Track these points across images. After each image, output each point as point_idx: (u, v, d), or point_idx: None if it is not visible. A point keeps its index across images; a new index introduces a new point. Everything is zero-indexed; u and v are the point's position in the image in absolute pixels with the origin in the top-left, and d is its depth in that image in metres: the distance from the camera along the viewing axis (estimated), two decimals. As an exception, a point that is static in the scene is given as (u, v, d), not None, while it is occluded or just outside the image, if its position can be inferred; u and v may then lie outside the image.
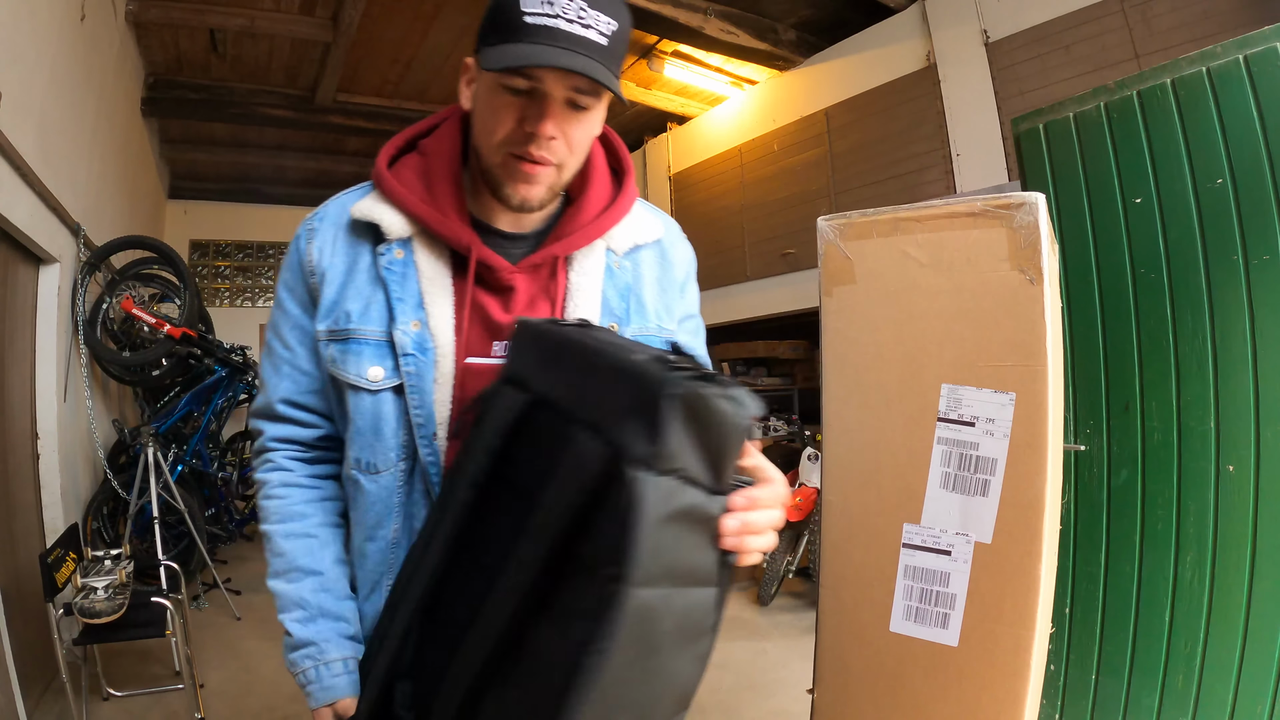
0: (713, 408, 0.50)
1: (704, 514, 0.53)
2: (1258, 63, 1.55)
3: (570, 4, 0.65)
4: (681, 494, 0.50)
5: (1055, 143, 1.90)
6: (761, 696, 2.77)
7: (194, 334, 3.80)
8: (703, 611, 0.55)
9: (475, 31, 0.76)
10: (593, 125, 0.74)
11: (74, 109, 3.05)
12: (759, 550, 0.58)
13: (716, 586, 0.56)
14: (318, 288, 0.79)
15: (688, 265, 0.91)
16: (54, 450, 2.89)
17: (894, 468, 1.09)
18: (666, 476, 0.49)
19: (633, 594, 0.48)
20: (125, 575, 2.38)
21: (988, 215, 1.02)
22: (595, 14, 0.66)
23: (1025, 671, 0.98)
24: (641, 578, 0.48)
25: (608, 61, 0.67)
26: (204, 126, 5.71)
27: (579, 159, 0.76)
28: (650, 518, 0.48)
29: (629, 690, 0.51)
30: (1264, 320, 1.56)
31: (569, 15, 0.65)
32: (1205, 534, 1.63)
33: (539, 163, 0.72)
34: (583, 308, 0.79)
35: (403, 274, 0.76)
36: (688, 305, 0.91)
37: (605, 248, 0.82)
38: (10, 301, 2.60)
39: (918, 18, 3.99)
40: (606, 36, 0.67)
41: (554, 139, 0.71)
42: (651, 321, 0.84)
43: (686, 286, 0.91)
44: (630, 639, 0.49)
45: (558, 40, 0.65)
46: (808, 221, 1.36)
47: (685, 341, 0.90)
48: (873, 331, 1.12)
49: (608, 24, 0.67)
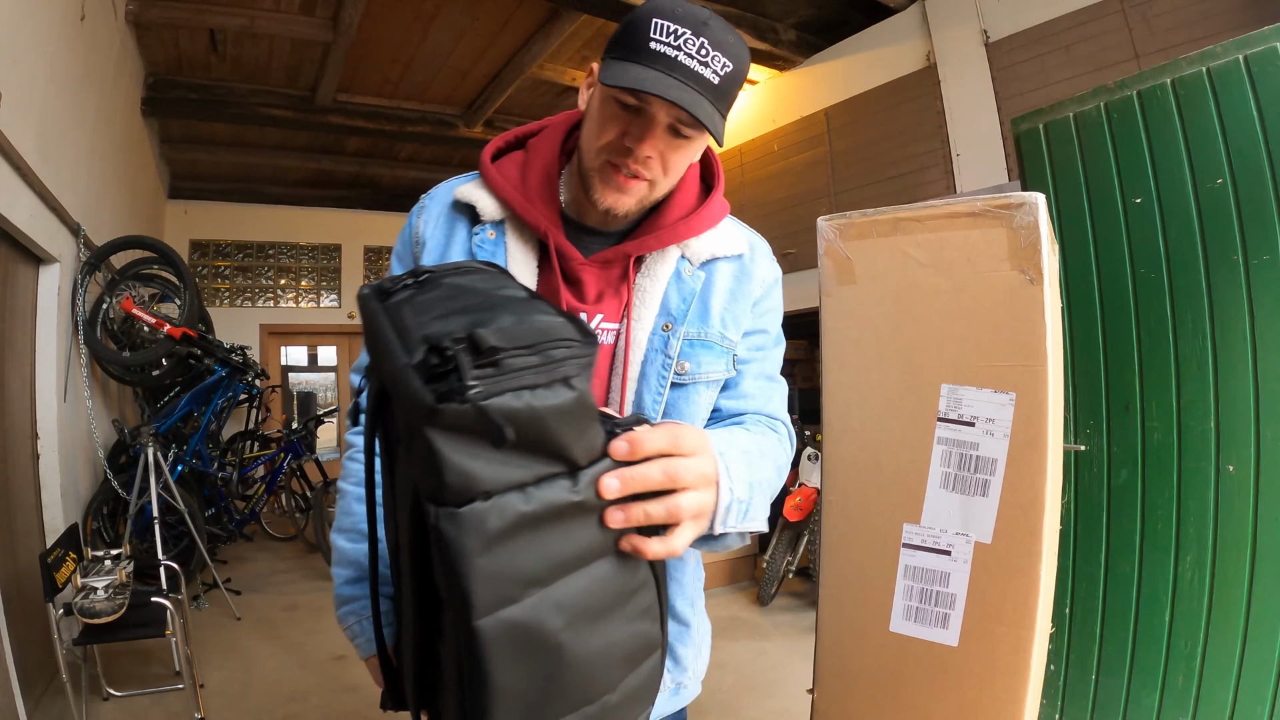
0: (501, 415, 0.43)
1: (555, 507, 0.49)
2: (1258, 63, 1.55)
3: (694, 39, 0.70)
4: (506, 508, 0.46)
5: (1055, 143, 1.90)
6: (761, 696, 2.77)
7: (194, 334, 3.80)
8: (605, 585, 0.54)
9: (476, 31, 0.77)
10: (691, 153, 0.79)
11: (74, 109, 3.05)
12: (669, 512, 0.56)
13: (612, 555, 0.54)
14: (419, 256, 0.86)
15: (768, 284, 0.90)
16: (54, 450, 2.89)
17: (894, 468, 1.09)
18: (475, 503, 0.45)
19: (481, 627, 0.46)
20: (125, 575, 2.38)
21: (988, 215, 1.02)
22: (715, 54, 0.70)
23: (1025, 671, 0.98)
24: (487, 607, 0.46)
25: (716, 100, 0.72)
26: (204, 126, 5.71)
27: (672, 181, 0.81)
28: (470, 553, 0.44)
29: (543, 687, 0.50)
30: (1264, 320, 1.56)
31: (689, 50, 0.70)
32: (1205, 534, 1.63)
33: (634, 176, 0.77)
34: (644, 308, 0.82)
35: (492, 253, 0.82)
36: (758, 321, 0.89)
37: (680, 255, 0.84)
38: (10, 301, 2.60)
39: (918, 18, 3.99)
40: (719, 76, 0.71)
41: (650, 158, 0.76)
42: (714, 329, 0.84)
43: (762, 304, 0.89)
44: (507, 658, 0.48)
45: (674, 71, 0.70)
46: (808, 221, 1.36)
47: (742, 355, 0.88)
48: (873, 331, 1.12)
49: (724, 65, 0.71)
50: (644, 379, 0.81)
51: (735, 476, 0.65)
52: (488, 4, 4.13)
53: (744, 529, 0.67)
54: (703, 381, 0.83)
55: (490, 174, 0.84)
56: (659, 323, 0.82)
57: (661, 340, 0.81)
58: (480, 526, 0.45)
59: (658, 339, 0.81)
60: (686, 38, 0.69)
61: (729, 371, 0.85)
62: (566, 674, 0.52)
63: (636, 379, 0.81)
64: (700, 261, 0.84)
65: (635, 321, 0.81)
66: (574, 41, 4.54)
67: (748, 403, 0.87)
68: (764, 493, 0.71)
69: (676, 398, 0.82)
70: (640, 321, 0.81)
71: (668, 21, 0.70)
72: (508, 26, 4.36)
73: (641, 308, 0.81)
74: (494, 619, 0.47)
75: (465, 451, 0.44)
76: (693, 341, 0.82)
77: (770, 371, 0.91)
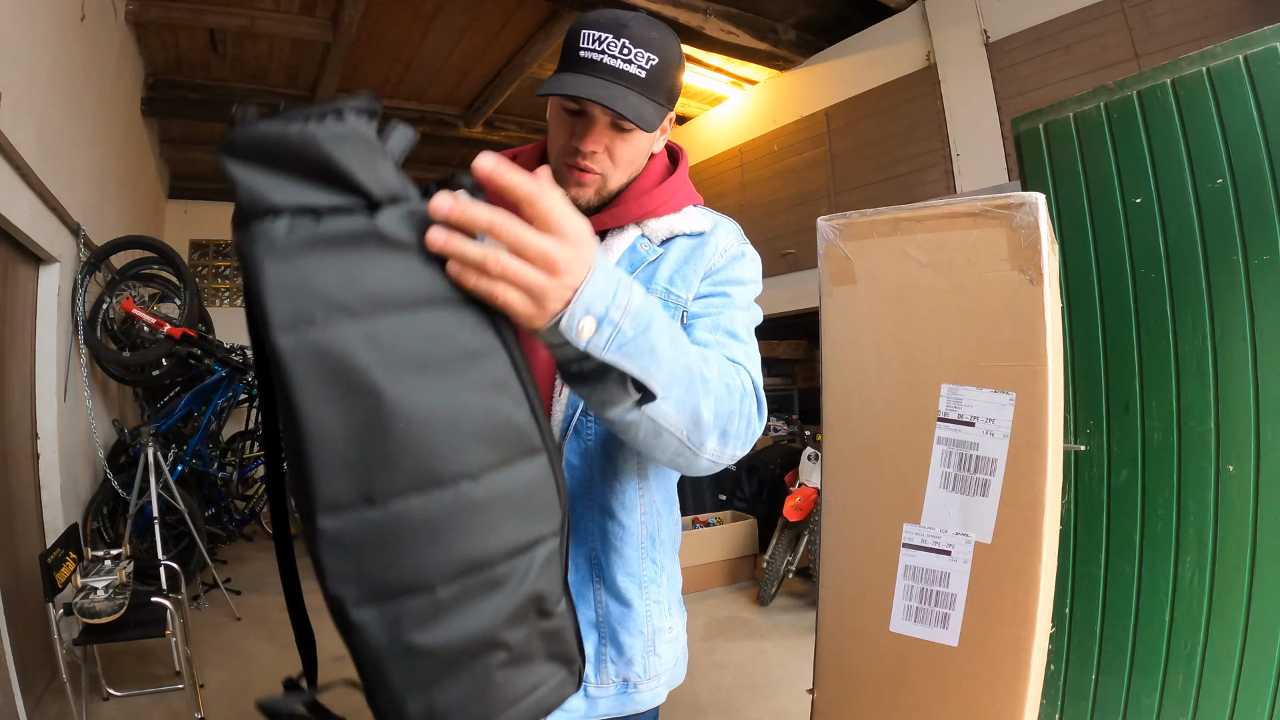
0: (279, 135, 0.47)
1: (350, 234, 0.49)
2: (1258, 63, 1.55)
3: (616, 41, 0.78)
4: (297, 225, 0.48)
5: (1055, 143, 1.90)
6: (761, 696, 2.77)
7: (194, 334, 3.80)
8: (435, 336, 0.51)
9: (476, 31, 0.80)
10: (637, 143, 0.85)
11: (74, 109, 3.05)
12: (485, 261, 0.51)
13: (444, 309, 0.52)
14: None
15: (729, 255, 0.91)
16: (54, 450, 2.89)
17: (894, 468, 1.09)
18: (268, 218, 0.48)
19: (282, 344, 0.47)
20: (125, 575, 2.38)
21: (988, 215, 1.02)
22: (638, 50, 0.78)
23: (1025, 671, 0.98)
24: (283, 321, 0.47)
25: (645, 90, 0.79)
26: (204, 126, 5.71)
27: (625, 170, 0.87)
28: (261, 262, 0.47)
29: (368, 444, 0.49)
30: (1264, 320, 1.56)
31: (613, 52, 0.78)
32: (1205, 534, 1.63)
33: (585, 171, 0.84)
34: None
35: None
36: (715, 288, 0.89)
37: (639, 234, 0.89)
38: (10, 301, 2.60)
39: (918, 18, 3.99)
40: (645, 70, 0.79)
41: (596, 153, 0.83)
42: (659, 286, 0.88)
43: (720, 272, 0.90)
44: (316, 391, 0.48)
45: (599, 72, 0.78)
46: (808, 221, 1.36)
47: (694, 310, 0.88)
48: (873, 331, 1.12)
49: (648, 59, 0.79)
50: None
51: (625, 304, 0.57)
52: (488, 4, 4.13)
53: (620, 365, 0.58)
54: None
55: None
56: None
57: None
58: (268, 237, 0.48)
59: None
60: (608, 41, 0.78)
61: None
62: (394, 431, 0.49)
63: None
64: (659, 240, 0.89)
65: None
66: (574, 41, 4.54)
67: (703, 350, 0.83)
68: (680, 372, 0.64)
69: None
70: None
71: (592, 30, 0.79)
72: (508, 26, 4.36)
73: None
74: (294, 337, 0.47)
75: (254, 173, 0.48)
76: None
77: (727, 325, 0.87)
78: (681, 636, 0.96)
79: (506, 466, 0.54)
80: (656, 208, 0.90)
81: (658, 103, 0.81)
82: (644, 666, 0.89)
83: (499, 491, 0.54)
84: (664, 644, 0.93)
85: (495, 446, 0.54)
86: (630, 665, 0.88)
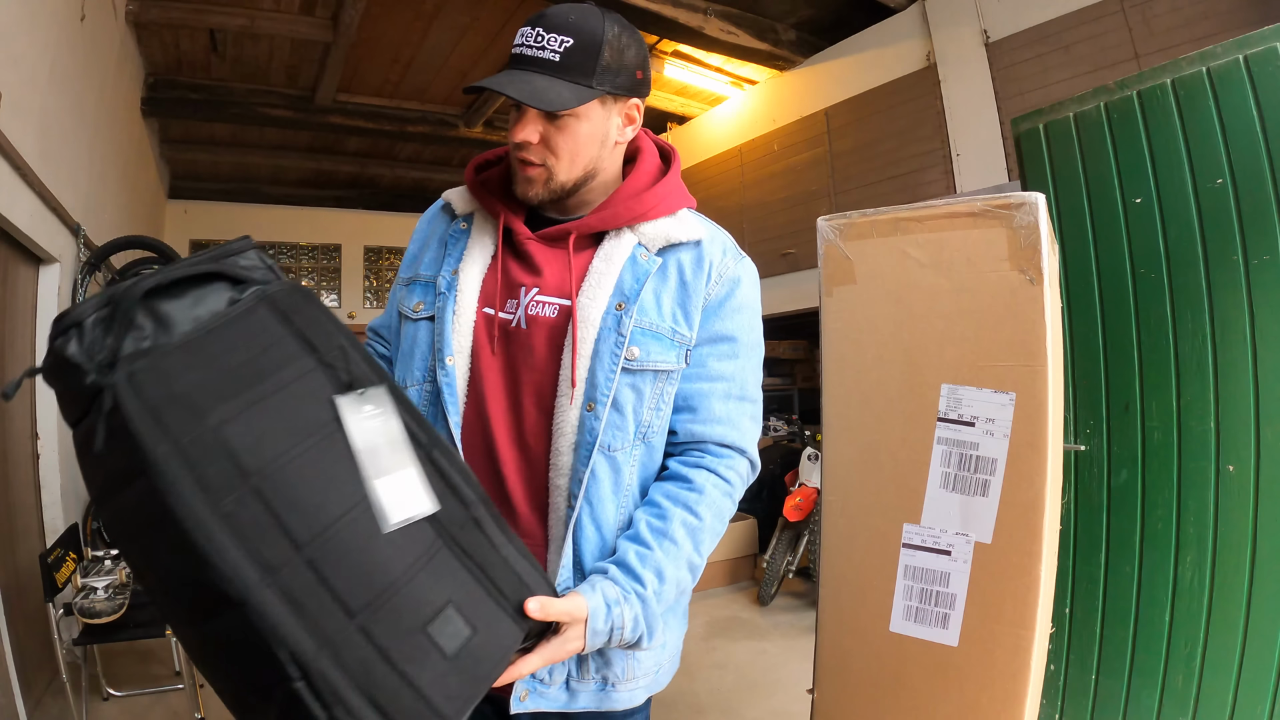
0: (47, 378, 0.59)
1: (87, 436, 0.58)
2: (1258, 63, 1.55)
3: (531, 31, 0.82)
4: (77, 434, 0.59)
5: (1055, 143, 1.90)
6: (761, 696, 2.77)
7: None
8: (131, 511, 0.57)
9: (476, 31, 0.82)
10: (576, 130, 0.84)
11: (74, 109, 3.05)
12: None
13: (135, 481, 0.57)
14: (412, 249, 1.02)
15: (728, 282, 0.91)
16: (54, 450, 2.89)
17: (894, 468, 1.09)
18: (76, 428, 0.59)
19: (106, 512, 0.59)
20: (125, 575, 2.38)
21: (988, 215, 1.02)
22: (551, 35, 0.81)
23: (1025, 671, 0.98)
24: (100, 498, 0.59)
25: (559, 73, 0.81)
26: (204, 126, 5.71)
27: (572, 161, 0.86)
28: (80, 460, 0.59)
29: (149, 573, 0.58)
30: (1264, 320, 1.56)
31: (528, 42, 0.82)
32: (1205, 534, 1.63)
33: (526, 164, 0.86)
34: (598, 289, 0.87)
35: (459, 239, 0.95)
36: (722, 325, 0.90)
37: (637, 242, 0.89)
38: (10, 301, 2.60)
39: (918, 18, 3.99)
40: (559, 53, 0.81)
41: (531, 143, 0.84)
42: (665, 322, 0.87)
43: (725, 304, 0.90)
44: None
45: (518, 64, 0.82)
46: (808, 221, 1.36)
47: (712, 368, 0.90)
48: (873, 331, 1.12)
49: (561, 42, 0.81)
50: (597, 356, 0.85)
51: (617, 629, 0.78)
52: (488, 4, 4.13)
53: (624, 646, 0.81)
54: (650, 369, 0.86)
55: (468, 178, 0.98)
56: (613, 302, 0.86)
57: (614, 319, 0.85)
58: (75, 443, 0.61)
59: (611, 318, 0.85)
60: (525, 33, 0.82)
61: (680, 364, 0.88)
62: None
63: (590, 356, 0.85)
64: (656, 249, 0.89)
65: (589, 301, 0.86)
66: (574, 41, 4.54)
67: (712, 429, 0.89)
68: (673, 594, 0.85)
69: (626, 385, 0.85)
70: (595, 301, 0.86)
71: (520, 29, 0.84)
72: (508, 26, 4.36)
73: (596, 288, 0.86)
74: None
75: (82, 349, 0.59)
76: (643, 330, 0.86)
77: (741, 391, 0.92)
78: (671, 645, 0.95)
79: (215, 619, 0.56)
80: (649, 210, 0.89)
81: (577, 83, 0.81)
82: (623, 669, 0.89)
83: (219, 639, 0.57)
84: (646, 651, 0.92)
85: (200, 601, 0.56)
86: (609, 666, 0.89)
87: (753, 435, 0.93)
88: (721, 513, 0.89)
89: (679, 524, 0.84)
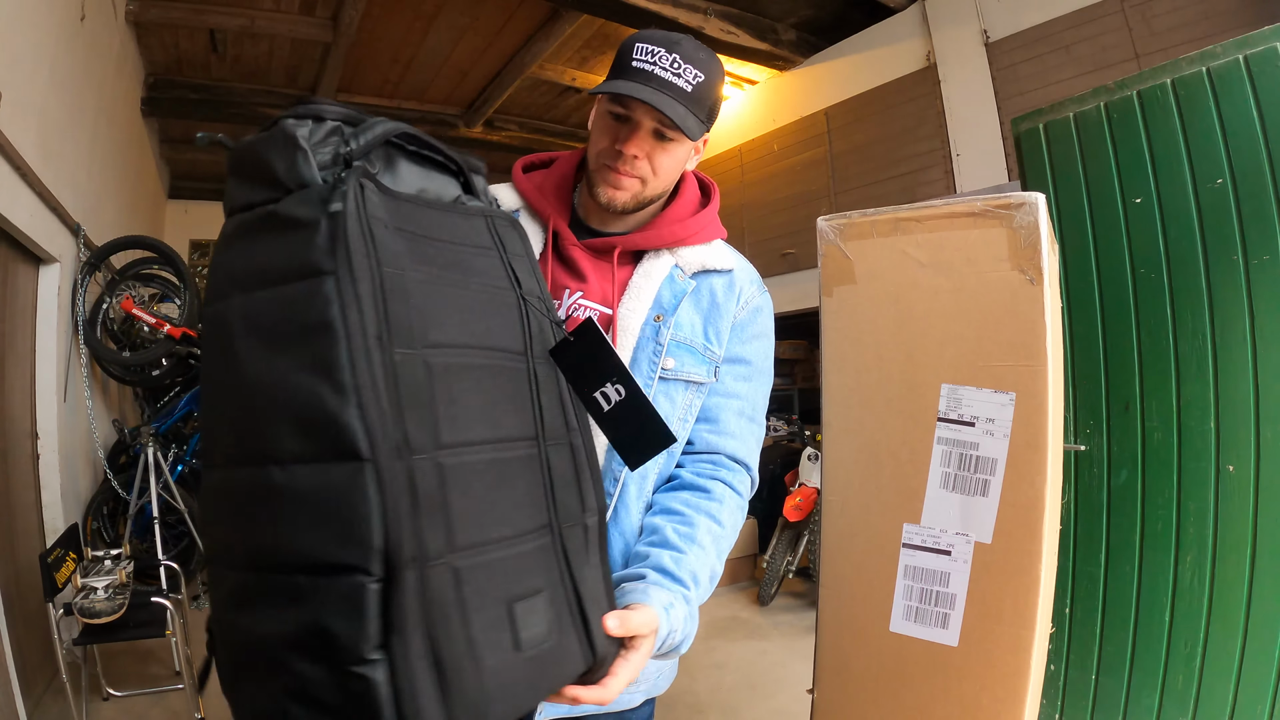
0: (238, 149, 0.59)
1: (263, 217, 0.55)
2: (1258, 63, 1.55)
3: (668, 55, 0.85)
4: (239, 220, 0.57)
5: (1055, 143, 1.90)
6: (761, 696, 2.77)
7: (194, 334, 3.80)
8: (294, 307, 0.51)
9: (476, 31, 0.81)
10: (676, 154, 0.90)
11: (74, 109, 3.05)
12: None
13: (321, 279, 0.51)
14: None
15: (752, 309, 0.97)
16: (54, 450, 2.89)
17: (894, 468, 1.09)
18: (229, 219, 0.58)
19: (203, 314, 0.58)
20: (125, 575, 2.38)
21: (988, 215, 1.02)
22: (687, 66, 0.85)
23: (1025, 671, 0.98)
24: (210, 297, 0.57)
25: (690, 104, 0.85)
26: (204, 127, 5.71)
27: (663, 180, 0.91)
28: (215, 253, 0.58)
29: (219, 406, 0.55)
30: (1264, 320, 1.56)
31: (664, 65, 0.85)
32: (1205, 534, 1.63)
33: (626, 174, 0.89)
34: (638, 301, 0.91)
35: None
36: (743, 349, 0.96)
37: (674, 263, 0.94)
38: (10, 301, 2.60)
39: (918, 18, 3.98)
40: (692, 85, 0.85)
41: (637, 158, 0.87)
42: (699, 338, 0.92)
43: (747, 329, 0.96)
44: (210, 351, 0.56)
45: (650, 82, 0.84)
46: (808, 221, 1.36)
47: (730, 385, 0.94)
48: (873, 331, 1.12)
49: (695, 76, 0.85)
50: (635, 364, 0.89)
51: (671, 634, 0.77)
52: (488, 4, 4.13)
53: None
54: (684, 379, 0.91)
55: (516, 176, 0.99)
56: (651, 314, 0.91)
57: (653, 329, 0.90)
58: (222, 233, 0.59)
59: (649, 328, 0.90)
60: (661, 54, 0.85)
61: (710, 377, 0.93)
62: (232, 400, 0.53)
63: (628, 363, 0.88)
64: (691, 272, 0.94)
65: (629, 311, 0.90)
66: (574, 41, 4.54)
67: (726, 442, 0.94)
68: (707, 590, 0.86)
69: (660, 394, 0.90)
70: (634, 312, 0.90)
71: (646, 44, 0.85)
72: (508, 26, 4.35)
73: (635, 300, 0.91)
74: (208, 310, 0.57)
75: (230, 183, 0.59)
76: (678, 343, 0.91)
77: (753, 412, 0.97)
78: None
79: (315, 463, 0.49)
80: (689, 236, 0.94)
81: (699, 118, 0.86)
82: None
83: (301, 488, 0.49)
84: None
85: (306, 436, 0.49)
86: None
87: (757, 456, 0.98)
88: (737, 524, 0.91)
89: (705, 530, 0.86)
